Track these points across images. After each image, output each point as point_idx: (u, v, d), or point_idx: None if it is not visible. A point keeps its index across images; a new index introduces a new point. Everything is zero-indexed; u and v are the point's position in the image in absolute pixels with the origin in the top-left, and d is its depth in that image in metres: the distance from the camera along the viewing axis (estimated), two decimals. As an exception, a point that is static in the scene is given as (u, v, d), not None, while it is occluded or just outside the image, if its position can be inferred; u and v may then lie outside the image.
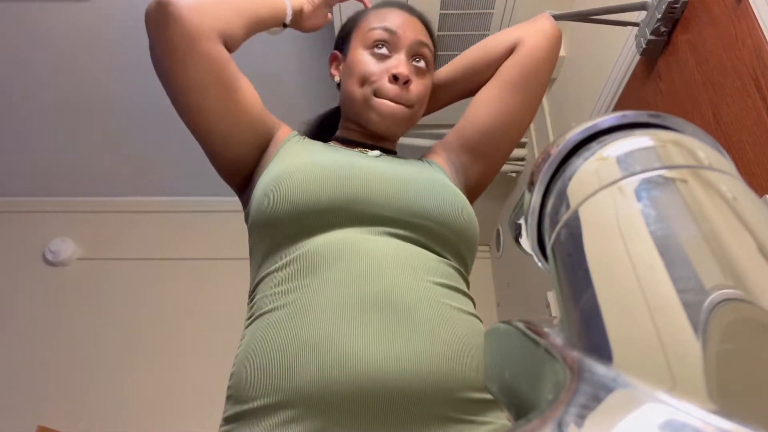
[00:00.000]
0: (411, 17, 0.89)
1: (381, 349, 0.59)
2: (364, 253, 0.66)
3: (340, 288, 0.63)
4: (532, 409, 0.31)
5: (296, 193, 0.70)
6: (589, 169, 0.32)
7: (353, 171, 0.73)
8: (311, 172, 0.72)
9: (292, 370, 0.59)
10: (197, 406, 2.48)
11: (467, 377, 0.62)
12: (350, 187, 0.71)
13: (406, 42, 0.86)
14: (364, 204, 0.71)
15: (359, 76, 0.84)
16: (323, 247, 0.67)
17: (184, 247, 2.90)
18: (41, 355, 2.62)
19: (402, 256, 0.68)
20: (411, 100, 0.85)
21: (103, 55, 2.25)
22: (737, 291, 0.23)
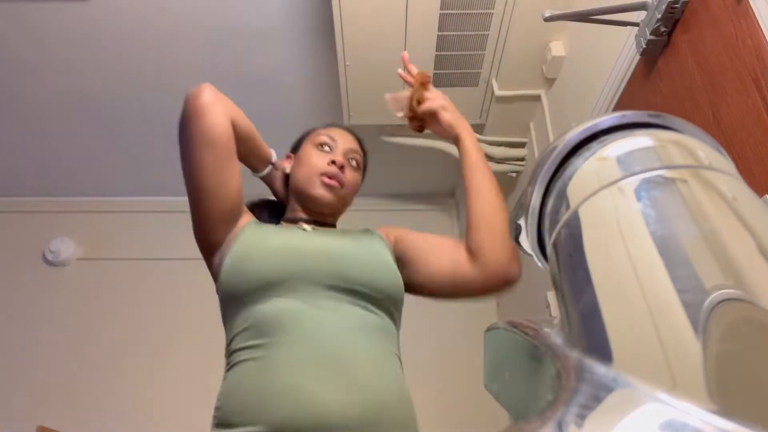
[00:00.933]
0: (348, 134, 1.17)
1: (326, 397, 0.82)
2: (311, 319, 0.89)
3: (295, 348, 0.86)
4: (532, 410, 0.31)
5: (257, 269, 0.94)
6: (589, 169, 0.32)
7: (297, 248, 0.97)
8: (266, 252, 0.96)
9: (266, 407, 0.82)
10: (197, 405, 2.48)
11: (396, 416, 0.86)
12: (295, 263, 0.94)
13: (343, 147, 1.12)
14: (307, 275, 0.93)
15: (307, 163, 1.10)
16: (280, 314, 0.90)
17: (184, 247, 2.89)
18: (41, 355, 2.62)
19: (340, 319, 0.90)
20: (344, 182, 1.08)
21: (103, 55, 2.25)
22: (737, 291, 0.23)
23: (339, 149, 1.12)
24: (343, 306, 0.92)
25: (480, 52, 1.98)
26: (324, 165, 1.07)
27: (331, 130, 1.16)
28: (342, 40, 1.91)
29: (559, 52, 1.88)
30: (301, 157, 1.13)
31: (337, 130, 1.17)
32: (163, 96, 2.44)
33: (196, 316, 2.72)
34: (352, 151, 1.14)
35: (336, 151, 1.11)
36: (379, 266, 0.98)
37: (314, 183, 1.07)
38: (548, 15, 1.28)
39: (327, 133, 1.14)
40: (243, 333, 0.92)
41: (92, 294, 2.78)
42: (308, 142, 1.15)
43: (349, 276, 0.93)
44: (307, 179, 1.08)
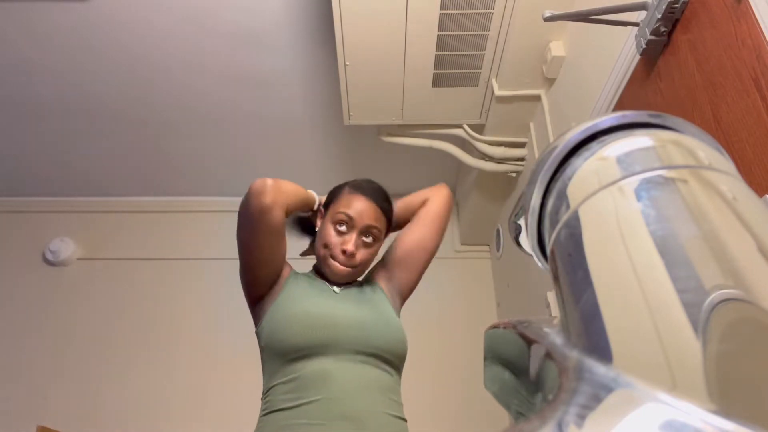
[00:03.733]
0: (369, 203, 1.25)
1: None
2: (338, 380, 1.09)
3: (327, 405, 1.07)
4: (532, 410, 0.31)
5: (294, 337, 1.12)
6: (589, 169, 0.32)
7: (330, 318, 1.15)
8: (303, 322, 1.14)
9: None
10: (196, 405, 2.48)
11: None
12: (328, 333, 1.13)
13: (360, 225, 1.22)
14: (338, 343, 1.12)
15: (324, 242, 1.23)
16: (313, 374, 1.10)
17: (184, 247, 2.90)
18: (41, 355, 2.62)
19: (362, 381, 1.12)
20: (354, 264, 1.23)
21: (103, 55, 2.25)
22: (737, 291, 0.23)
23: (356, 228, 1.22)
24: (365, 367, 1.13)
25: (480, 52, 1.98)
26: (337, 251, 1.21)
27: (352, 202, 1.24)
28: (342, 40, 1.91)
29: (559, 52, 1.88)
30: (322, 229, 1.26)
31: (359, 200, 1.25)
32: (164, 96, 2.44)
33: (196, 316, 2.72)
34: (369, 228, 1.23)
35: (352, 231, 1.22)
36: (393, 333, 1.20)
37: (327, 265, 1.22)
38: (548, 15, 1.28)
39: (346, 210, 1.23)
40: (281, 385, 1.11)
41: (92, 294, 2.78)
42: (330, 212, 1.25)
43: (372, 344, 1.14)
44: (323, 259, 1.24)
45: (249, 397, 2.27)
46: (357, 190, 1.27)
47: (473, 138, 2.31)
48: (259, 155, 2.77)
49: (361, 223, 1.22)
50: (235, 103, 2.49)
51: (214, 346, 2.63)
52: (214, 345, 2.63)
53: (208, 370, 2.58)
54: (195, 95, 2.45)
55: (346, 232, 1.23)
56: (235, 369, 2.55)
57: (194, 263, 2.85)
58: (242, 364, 2.55)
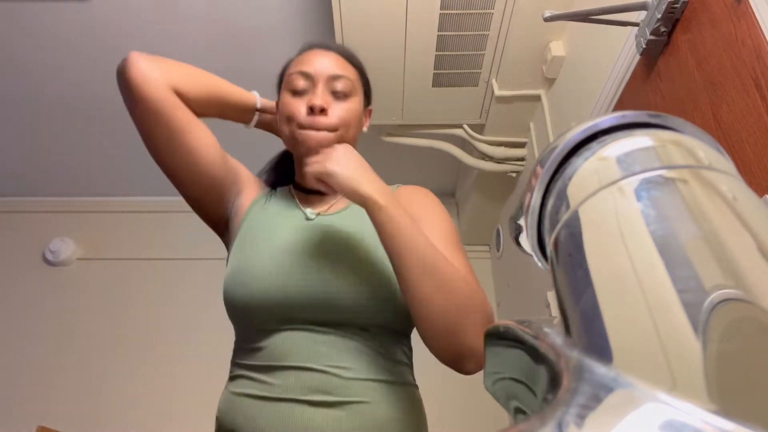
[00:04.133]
0: (327, 53, 0.97)
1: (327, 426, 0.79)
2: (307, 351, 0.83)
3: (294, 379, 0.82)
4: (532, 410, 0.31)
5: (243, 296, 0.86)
6: (589, 169, 0.32)
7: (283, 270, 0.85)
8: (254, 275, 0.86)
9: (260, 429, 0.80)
10: (196, 405, 2.48)
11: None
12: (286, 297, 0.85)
13: (322, 78, 0.93)
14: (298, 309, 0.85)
15: (285, 116, 0.94)
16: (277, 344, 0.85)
17: (184, 247, 2.90)
18: (41, 355, 2.62)
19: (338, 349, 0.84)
20: (331, 125, 0.91)
21: (103, 55, 2.25)
22: (737, 291, 0.23)
23: (318, 83, 0.92)
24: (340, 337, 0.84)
25: (480, 52, 1.98)
26: (302, 116, 0.91)
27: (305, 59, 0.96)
28: (342, 40, 1.91)
29: (559, 52, 1.88)
30: (279, 108, 0.97)
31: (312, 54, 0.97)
32: (163, 96, 2.44)
33: (196, 316, 2.72)
34: (333, 78, 0.93)
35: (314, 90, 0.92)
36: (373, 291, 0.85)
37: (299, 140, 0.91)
38: (548, 15, 1.28)
39: (299, 67, 0.95)
40: (242, 350, 0.89)
41: (92, 294, 2.78)
42: (284, 85, 0.98)
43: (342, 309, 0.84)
44: (291, 137, 0.93)
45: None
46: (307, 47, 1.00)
47: (473, 138, 2.31)
48: (259, 155, 2.77)
49: (323, 74, 0.93)
50: (235, 103, 2.49)
51: (214, 346, 2.63)
52: (214, 345, 2.63)
53: (208, 370, 2.58)
54: (195, 95, 2.45)
55: (309, 90, 0.93)
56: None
57: (194, 263, 2.84)
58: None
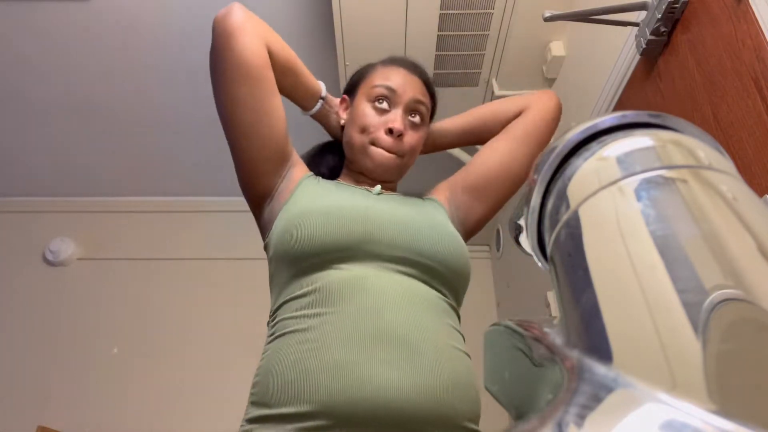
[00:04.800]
0: (412, 77, 0.99)
1: (389, 377, 0.70)
2: (374, 289, 0.77)
3: (354, 320, 0.74)
4: (532, 410, 0.31)
5: (317, 232, 0.81)
6: (589, 169, 0.32)
7: (365, 213, 0.84)
8: (329, 214, 0.83)
9: (313, 385, 0.71)
10: (197, 405, 2.48)
11: (461, 409, 0.75)
12: (363, 229, 0.82)
13: (405, 99, 0.96)
14: (374, 244, 0.82)
15: (360, 125, 0.96)
16: (339, 282, 0.78)
17: (184, 247, 2.90)
18: (41, 355, 2.62)
19: (406, 294, 0.79)
20: (403, 151, 0.96)
21: (103, 55, 2.25)
22: (737, 291, 0.23)
23: (401, 104, 0.95)
24: (411, 281, 0.81)
25: (480, 52, 1.98)
26: (380, 133, 0.93)
27: (390, 74, 0.98)
28: (342, 40, 1.91)
29: (559, 52, 1.88)
30: (354, 114, 0.98)
31: (399, 72, 0.98)
32: (164, 96, 2.44)
33: (197, 316, 2.72)
34: (416, 103, 0.96)
35: (396, 108, 0.95)
36: (447, 240, 0.86)
37: (368, 154, 0.94)
38: (548, 15, 1.28)
39: (385, 81, 0.96)
40: (295, 300, 0.80)
41: (92, 294, 2.78)
42: (362, 91, 0.99)
43: (419, 248, 0.82)
44: (361, 147, 0.95)
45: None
46: (394, 63, 1.01)
47: (473, 138, 2.31)
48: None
49: (407, 96, 0.95)
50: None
51: (214, 346, 2.63)
52: (214, 345, 2.63)
53: (208, 370, 2.58)
54: (195, 95, 2.45)
55: (389, 109, 0.95)
56: (235, 369, 2.55)
57: (194, 263, 2.84)
58: (243, 365, 2.55)
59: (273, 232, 0.87)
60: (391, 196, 0.96)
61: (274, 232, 0.87)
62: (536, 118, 1.02)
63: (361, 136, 0.95)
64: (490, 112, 1.07)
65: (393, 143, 0.94)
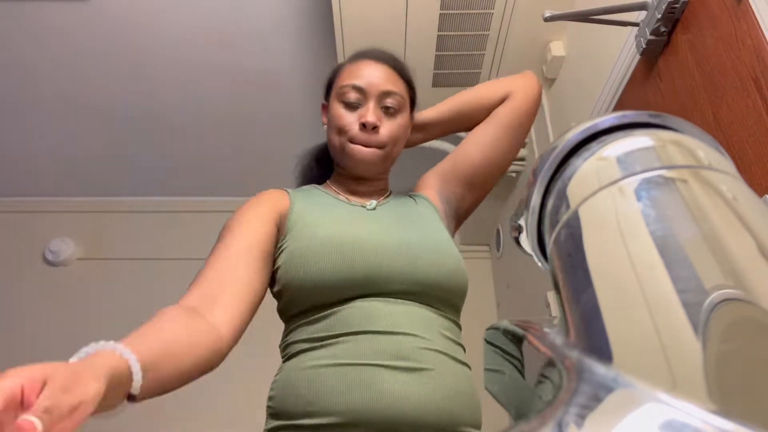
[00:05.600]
0: (380, 66, 1.00)
1: (400, 391, 0.78)
2: (387, 315, 0.84)
3: (372, 341, 0.81)
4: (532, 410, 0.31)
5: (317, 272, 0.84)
6: (589, 169, 0.32)
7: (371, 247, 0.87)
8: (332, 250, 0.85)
9: (340, 398, 0.77)
10: (196, 405, 2.48)
11: (460, 415, 0.82)
12: (368, 266, 0.85)
13: (374, 93, 0.97)
14: (377, 283, 0.86)
15: (336, 127, 0.98)
16: (352, 311, 0.84)
17: (184, 247, 2.90)
18: (41, 355, 2.61)
19: (414, 318, 0.85)
20: (381, 142, 0.97)
21: (103, 54, 2.25)
22: (737, 291, 0.23)
23: (371, 98, 0.96)
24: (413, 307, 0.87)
25: (480, 52, 1.98)
26: (354, 130, 0.95)
27: (357, 71, 0.99)
28: (342, 40, 1.91)
29: (559, 52, 1.88)
30: (330, 117, 1.00)
31: (364, 65, 0.99)
32: (164, 96, 2.44)
33: (196, 316, 2.72)
34: (387, 94, 0.98)
35: (366, 104, 0.96)
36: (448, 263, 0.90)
37: (348, 153, 0.96)
38: (548, 15, 1.28)
39: (351, 80, 0.98)
40: (306, 326, 0.86)
41: (92, 294, 2.78)
42: (334, 93, 1.01)
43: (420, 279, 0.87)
44: (340, 149, 0.97)
45: (251, 397, 2.26)
46: (360, 57, 1.02)
47: (473, 138, 2.31)
48: (259, 155, 2.77)
49: (376, 90, 0.97)
50: (235, 103, 2.48)
51: (214, 346, 2.63)
52: (214, 345, 2.63)
53: (208, 370, 2.58)
54: (195, 95, 2.45)
55: (360, 105, 0.97)
56: (235, 369, 2.55)
57: (194, 263, 2.83)
58: (243, 365, 2.54)
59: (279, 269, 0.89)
60: (385, 208, 0.99)
61: (281, 269, 0.88)
62: (523, 105, 1.04)
63: (339, 138, 0.98)
64: (474, 98, 1.10)
65: (369, 137, 0.95)
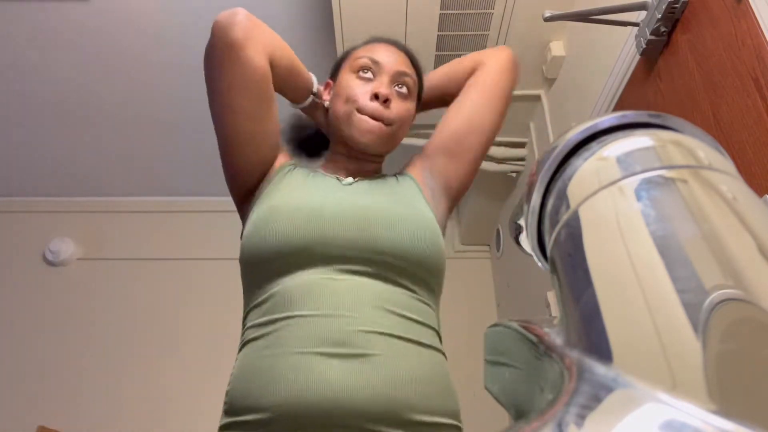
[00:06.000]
0: (397, 51, 0.99)
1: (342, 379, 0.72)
2: (329, 293, 0.78)
3: (309, 326, 0.75)
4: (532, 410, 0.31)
5: (268, 237, 0.82)
6: (589, 169, 0.32)
7: (320, 212, 0.83)
8: (281, 217, 0.82)
9: (270, 390, 0.73)
10: (196, 406, 2.48)
11: (413, 403, 0.74)
12: (316, 230, 0.81)
13: (389, 70, 0.95)
14: (328, 246, 0.81)
15: (345, 96, 0.93)
16: (295, 288, 0.79)
17: (184, 247, 2.90)
18: (41, 355, 2.62)
19: (362, 295, 0.79)
20: (391, 119, 0.92)
21: (104, 55, 2.25)
22: (737, 291, 0.23)
23: (384, 74, 0.94)
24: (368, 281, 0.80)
25: (480, 52, 1.98)
26: (365, 100, 0.91)
27: (374, 49, 0.97)
28: (342, 40, 1.91)
29: (559, 52, 1.88)
30: (338, 86, 0.96)
31: (382, 47, 0.98)
32: (164, 96, 2.44)
33: (196, 316, 2.72)
34: (400, 75, 0.95)
35: (380, 78, 0.93)
36: (416, 230, 0.83)
37: (354, 123, 0.91)
38: (548, 15, 1.28)
39: (368, 53, 0.96)
40: (256, 309, 0.83)
41: (92, 294, 2.78)
42: (346, 66, 0.98)
43: (377, 246, 0.80)
44: (346, 117, 0.92)
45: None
46: (377, 41, 1.01)
47: (473, 138, 2.31)
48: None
49: (391, 68, 0.94)
50: (235, 103, 2.49)
51: (214, 346, 2.63)
52: (214, 345, 2.63)
53: (208, 371, 2.58)
54: (195, 95, 2.44)
55: (374, 78, 0.94)
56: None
57: (194, 263, 2.84)
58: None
59: (243, 237, 0.88)
60: (361, 184, 0.94)
61: (243, 237, 0.88)
62: (492, 70, 1.02)
63: (345, 106, 0.92)
64: (445, 75, 1.08)
65: (379, 109, 0.91)
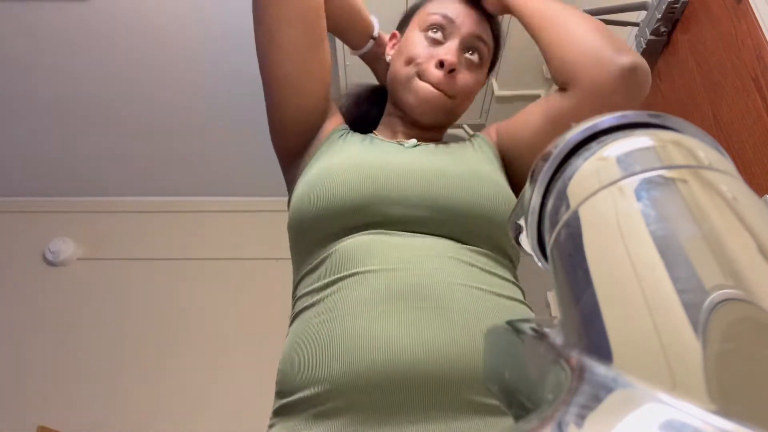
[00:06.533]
0: (475, 10, 0.86)
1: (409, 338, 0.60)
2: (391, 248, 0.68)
3: (372, 282, 0.65)
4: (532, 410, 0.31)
5: (323, 197, 0.72)
6: (589, 169, 0.32)
7: (380, 170, 0.73)
8: (337, 176, 0.73)
9: (327, 363, 0.62)
10: (197, 406, 2.48)
11: None
12: (373, 188, 0.72)
13: (463, 32, 0.84)
14: (387, 204, 0.71)
15: (407, 55, 0.84)
16: (352, 249, 0.69)
17: (185, 248, 2.90)
18: (41, 355, 2.62)
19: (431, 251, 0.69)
20: (454, 91, 0.83)
21: (103, 55, 2.25)
22: (737, 291, 0.23)
23: (456, 36, 0.83)
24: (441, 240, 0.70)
25: (480, 52, 1.98)
26: (429, 65, 0.81)
27: (450, 6, 0.85)
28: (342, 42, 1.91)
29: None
30: (403, 44, 0.87)
31: (459, 4, 0.86)
32: (164, 96, 2.44)
33: (197, 316, 2.72)
34: (474, 39, 0.84)
35: (451, 40, 0.83)
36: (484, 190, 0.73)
37: (412, 88, 0.82)
38: (548, 15, 1.28)
39: (442, 10, 0.84)
40: (307, 276, 0.74)
41: (92, 294, 2.78)
42: (416, 20, 0.88)
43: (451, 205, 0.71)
44: (405, 80, 0.83)
45: (251, 398, 2.27)
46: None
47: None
48: (258, 155, 2.77)
49: (465, 29, 0.83)
50: (235, 103, 2.49)
51: (214, 346, 2.63)
52: (214, 345, 2.63)
53: (208, 371, 2.58)
54: (195, 95, 2.45)
55: (443, 41, 0.83)
56: (236, 370, 2.55)
57: (194, 263, 2.84)
58: (243, 365, 2.55)
59: (291, 200, 0.79)
60: (427, 147, 0.83)
61: (292, 200, 0.78)
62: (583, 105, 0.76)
63: (406, 68, 0.83)
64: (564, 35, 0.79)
65: (442, 79, 0.81)
